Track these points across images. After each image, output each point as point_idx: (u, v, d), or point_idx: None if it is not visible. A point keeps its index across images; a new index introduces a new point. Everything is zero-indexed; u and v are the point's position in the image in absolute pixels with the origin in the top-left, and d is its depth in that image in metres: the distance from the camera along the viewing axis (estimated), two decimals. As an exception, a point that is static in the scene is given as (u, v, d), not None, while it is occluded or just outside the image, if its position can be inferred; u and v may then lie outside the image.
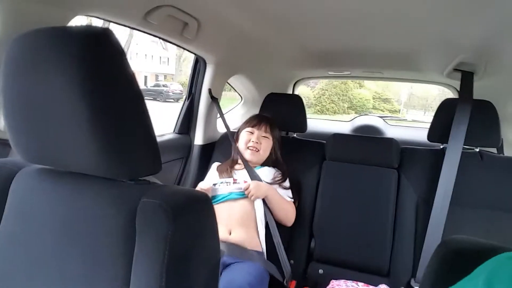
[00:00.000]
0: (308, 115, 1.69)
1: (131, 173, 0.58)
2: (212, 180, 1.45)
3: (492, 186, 1.32)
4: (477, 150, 1.40)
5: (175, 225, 0.52)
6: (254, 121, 1.52)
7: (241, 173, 1.45)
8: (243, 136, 1.50)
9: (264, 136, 1.49)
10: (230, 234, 1.29)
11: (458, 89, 1.45)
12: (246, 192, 1.35)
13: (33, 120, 0.56)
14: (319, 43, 1.55)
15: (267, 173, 1.46)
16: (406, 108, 14.68)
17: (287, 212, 1.41)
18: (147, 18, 1.07)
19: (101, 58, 0.51)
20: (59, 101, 0.51)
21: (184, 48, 1.41)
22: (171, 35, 1.24)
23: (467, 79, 1.43)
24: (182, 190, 0.60)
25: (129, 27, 1.13)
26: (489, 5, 0.91)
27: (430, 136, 1.44)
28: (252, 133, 1.49)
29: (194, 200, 0.58)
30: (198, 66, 1.67)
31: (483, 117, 1.34)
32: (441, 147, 1.44)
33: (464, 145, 1.33)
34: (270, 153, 1.51)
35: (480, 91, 1.40)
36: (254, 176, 1.40)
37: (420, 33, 1.28)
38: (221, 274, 1.17)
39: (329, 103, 13.05)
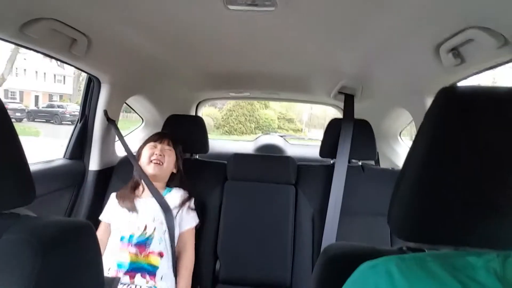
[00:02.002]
0: (215, 136, 1.70)
1: None
2: (114, 212, 1.34)
3: (373, 194, 1.49)
4: (360, 163, 1.59)
5: (44, 262, 0.45)
6: (155, 137, 1.48)
7: (145, 201, 1.35)
8: (145, 152, 1.42)
9: (167, 149, 1.44)
10: None
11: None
12: None
13: None
14: (217, 66, 1.59)
15: (175, 196, 1.40)
16: (308, 127, 15.86)
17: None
18: (24, 31, 0.93)
19: None
20: None
21: (73, 66, 1.29)
22: (57, 51, 1.12)
23: (349, 101, 1.63)
24: (57, 220, 0.53)
25: (3, 39, 0.99)
26: (362, 41, 1.07)
27: (322, 152, 1.58)
28: (155, 147, 1.43)
29: (70, 231, 0.52)
30: (92, 86, 1.54)
31: (362, 134, 1.53)
32: (331, 162, 1.59)
33: (349, 159, 1.49)
34: (173, 173, 1.46)
35: (360, 111, 1.60)
36: (161, 202, 1.33)
37: (308, 61, 1.41)
38: None
39: (237, 124, 13.37)
